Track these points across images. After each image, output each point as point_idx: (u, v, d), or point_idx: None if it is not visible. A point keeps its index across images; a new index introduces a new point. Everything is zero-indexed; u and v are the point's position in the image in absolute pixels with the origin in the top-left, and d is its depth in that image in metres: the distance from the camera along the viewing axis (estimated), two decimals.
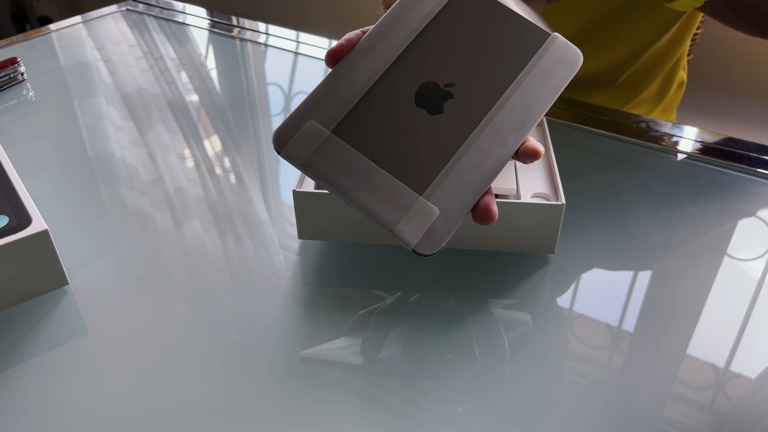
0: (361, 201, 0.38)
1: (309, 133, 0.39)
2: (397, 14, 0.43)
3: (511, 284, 0.47)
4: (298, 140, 0.39)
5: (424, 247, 0.37)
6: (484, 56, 0.43)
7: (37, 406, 0.39)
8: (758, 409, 0.38)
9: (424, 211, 0.38)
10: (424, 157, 0.40)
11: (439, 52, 0.43)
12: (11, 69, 0.76)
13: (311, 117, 0.39)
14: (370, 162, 0.39)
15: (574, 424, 0.37)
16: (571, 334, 0.43)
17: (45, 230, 0.44)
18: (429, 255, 0.37)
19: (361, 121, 0.40)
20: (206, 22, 0.96)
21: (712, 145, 0.64)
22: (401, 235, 0.37)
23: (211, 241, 0.52)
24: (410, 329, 0.44)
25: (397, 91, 0.41)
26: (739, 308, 0.45)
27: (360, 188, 0.38)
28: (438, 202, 0.38)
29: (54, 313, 0.45)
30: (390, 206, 0.38)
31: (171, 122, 0.70)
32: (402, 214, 0.37)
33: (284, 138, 0.39)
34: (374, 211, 0.37)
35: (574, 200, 0.52)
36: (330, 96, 0.40)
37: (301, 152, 0.38)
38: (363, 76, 0.41)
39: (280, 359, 0.41)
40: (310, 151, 0.39)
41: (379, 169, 0.39)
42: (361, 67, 0.41)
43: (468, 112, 0.41)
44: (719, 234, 0.52)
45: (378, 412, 0.38)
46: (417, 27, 0.43)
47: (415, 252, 0.37)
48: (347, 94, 0.40)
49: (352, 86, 0.41)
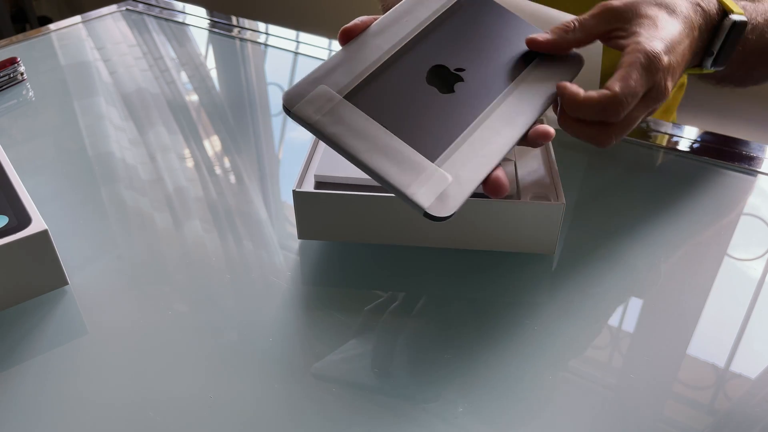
0: (374, 162, 0.38)
1: (321, 95, 0.39)
2: (409, 7, 0.45)
3: (511, 284, 0.47)
4: (309, 101, 0.39)
5: (436, 210, 0.37)
6: (493, 50, 0.45)
7: (37, 406, 0.39)
8: (758, 409, 0.38)
9: (437, 177, 0.38)
10: (435, 129, 0.40)
11: (449, 42, 0.44)
12: (11, 69, 0.76)
13: (323, 82, 0.40)
14: (383, 128, 0.39)
15: (574, 424, 0.37)
16: (571, 334, 0.43)
17: (45, 230, 0.44)
18: (441, 218, 0.37)
19: (373, 90, 0.41)
20: (206, 22, 0.96)
21: (712, 145, 0.64)
22: (413, 197, 0.37)
23: (211, 241, 0.52)
24: (410, 329, 0.43)
25: (409, 69, 0.42)
26: (738, 308, 0.45)
27: (372, 150, 0.38)
28: (450, 171, 0.39)
29: (54, 313, 0.45)
30: (402, 170, 0.38)
31: (171, 122, 0.70)
32: (414, 178, 0.38)
33: (295, 99, 0.39)
34: (387, 173, 0.38)
35: (574, 200, 0.52)
36: (342, 65, 0.41)
37: (312, 112, 0.39)
38: (376, 53, 0.42)
39: (280, 359, 0.41)
40: (321, 113, 0.39)
41: (392, 135, 0.39)
42: (374, 45, 0.42)
43: (478, 93, 0.43)
44: (719, 234, 0.52)
45: (378, 412, 0.38)
46: (428, 19, 0.45)
47: (427, 215, 0.37)
48: (360, 65, 0.41)
49: (365, 59, 0.42)
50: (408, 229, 0.47)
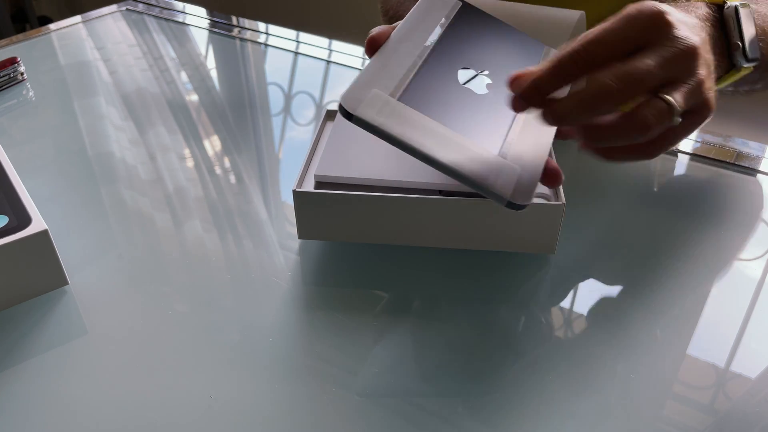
0: (448, 158, 0.39)
1: (377, 99, 0.40)
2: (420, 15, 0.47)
3: (511, 284, 0.47)
4: (367, 105, 0.39)
5: (519, 198, 0.38)
6: (502, 53, 0.48)
7: (37, 406, 0.39)
8: (758, 409, 0.38)
9: (507, 168, 0.40)
10: (486, 124, 0.42)
11: (466, 47, 0.46)
12: (11, 69, 0.76)
13: (374, 86, 0.41)
14: (443, 125, 0.40)
15: (574, 423, 0.37)
16: (571, 334, 0.43)
17: (45, 230, 0.44)
18: (523, 206, 0.38)
19: (421, 91, 0.42)
20: (206, 22, 0.96)
21: (712, 145, 0.64)
22: (495, 188, 0.38)
23: (211, 241, 0.52)
24: (410, 329, 0.43)
25: (443, 72, 0.44)
26: (739, 308, 0.45)
27: (442, 147, 0.39)
28: (514, 161, 0.40)
29: (54, 313, 0.45)
30: (476, 163, 0.39)
31: (171, 122, 0.70)
32: (489, 170, 0.39)
33: (353, 103, 0.39)
34: (463, 167, 0.39)
35: (574, 200, 0.52)
36: (385, 70, 0.42)
37: (374, 115, 0.39)
38: (410, 58, 0.43)
39: (280, 359, 0.41)
40: (383, 115, 0.39)
41: (453, 131, 0.40)
42: (406, 51, 0.44)
43: (506, 91, 0.43)
44: (719, 234, 0.52)
45: (378, 412, 0.38)
46: (441, 26, 0.47)
47: (510, 204, 0.38)
48: (400, 69, 0.42)
49: (403, 64, 0.43)
50: (408, 229, 0.47)
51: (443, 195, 0.46)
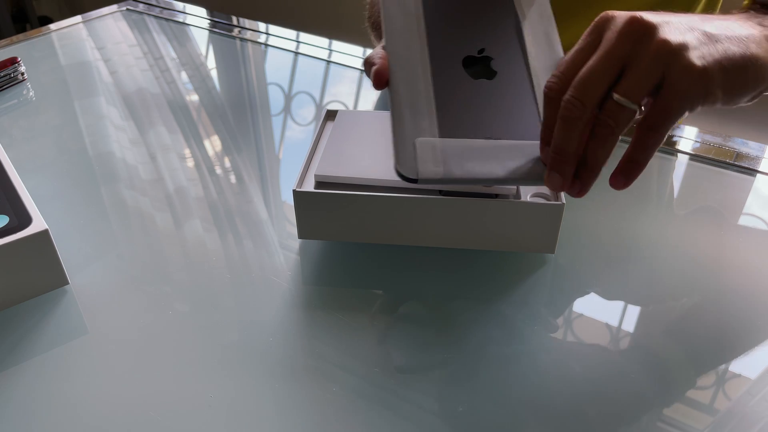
0: (508, 174, 0.39)
1: (425, 149, 0.39)
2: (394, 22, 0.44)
3: (511, 284, 0.47)
4: (422, 161, 0.39)
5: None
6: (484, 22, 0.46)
7: (37, 406, 0.39)
8: (758, 409, 0.38)
9: None
10: (518, 116, 0.41)
11: (451, 32, 0.45)
12: (11, 69, 0.76)
13: (415, 135, 0.40)
14: (488, 140, 0.40)
15: (573, 423, 0.37)
16: (571, 333, 0.44)
17: (45, 230, 0.44)
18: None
19: (452, 115, 0.41)
20: (206, 22, 0.96)
21: (712, 145, 0.64)
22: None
23: (211, 241, 0.52)
24: (410, 328, 0.44)
25: (454, 76, 0.43)
26: (738, 308, 0.45)
27: (500, 164, 0.39)
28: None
29: (54, 313, 0.45)
30: (531, 164, 0.39)
31: (171, 122, 0.70)
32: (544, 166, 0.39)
33: (410, 166, 0.38)
34: (523, 174, 0.39)
35: (574, 200, 0.52)
36: (411, 110, 0.41)
37: (434, 168, 0.38)
38: (421, 82, 0.42)
39: (280, 359, 0.41)
40: (440, 163, 0.39)
41: (500, 140, 0.40)
42: (413, 74, 0.42)
43: (513, 65, 0.43)
44: (719, 233, 0.52)
45: (378, 412, 0.38)
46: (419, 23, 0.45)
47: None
48: (422, 101, 0.41)
49: (419, 93, 0.42)
50: (408, 229, 0.47)
51: (443, 195, 0.46)
